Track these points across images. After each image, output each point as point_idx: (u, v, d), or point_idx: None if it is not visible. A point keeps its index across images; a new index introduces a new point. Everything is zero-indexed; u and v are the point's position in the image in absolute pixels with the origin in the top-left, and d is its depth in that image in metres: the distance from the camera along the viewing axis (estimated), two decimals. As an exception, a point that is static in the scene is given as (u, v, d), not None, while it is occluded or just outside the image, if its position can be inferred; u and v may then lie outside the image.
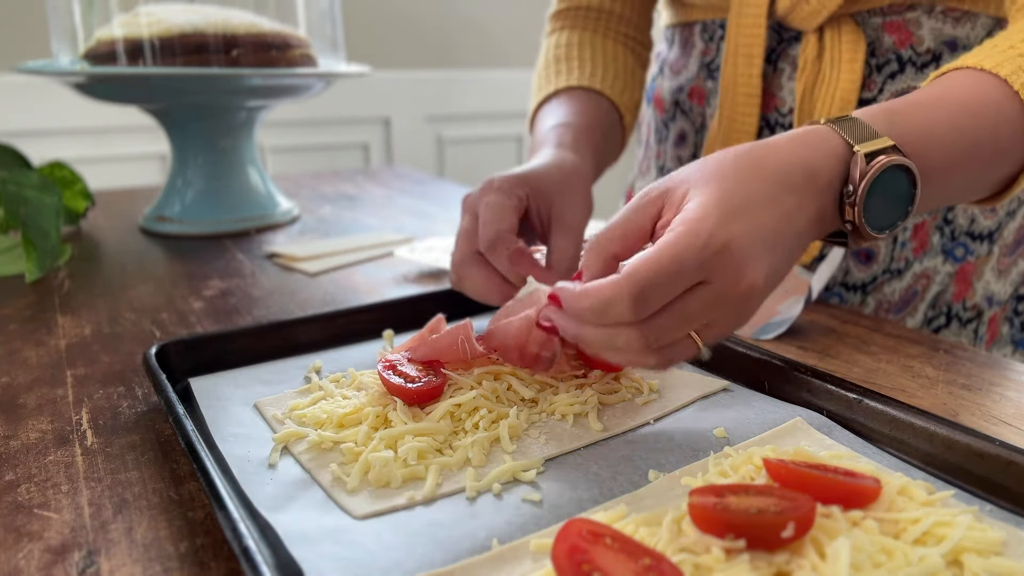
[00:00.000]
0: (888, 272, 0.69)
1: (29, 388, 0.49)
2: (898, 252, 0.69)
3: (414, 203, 1.09)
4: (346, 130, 2.05)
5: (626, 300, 0.36)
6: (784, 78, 0.69)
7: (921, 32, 0.63)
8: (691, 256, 0.37)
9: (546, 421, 0.42)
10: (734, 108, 0.70)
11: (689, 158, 0.79)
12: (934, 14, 0.63)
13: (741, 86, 0.69)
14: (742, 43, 0.68)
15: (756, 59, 0.68)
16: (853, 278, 0.70)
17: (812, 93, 0.66)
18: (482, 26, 2.18)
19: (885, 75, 0.65)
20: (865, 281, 0.70)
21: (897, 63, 0.64)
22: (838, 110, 0.64)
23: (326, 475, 0.37)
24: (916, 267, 0.69)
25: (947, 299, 0.70)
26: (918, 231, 0.68)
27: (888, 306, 0.70)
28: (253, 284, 0.71)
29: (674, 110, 0.80)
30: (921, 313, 0.70)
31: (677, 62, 0.79)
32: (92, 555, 0.33)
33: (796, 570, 0.28)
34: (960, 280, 0.70)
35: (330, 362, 0.50)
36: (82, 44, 0.87)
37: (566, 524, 0.29)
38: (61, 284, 0.71)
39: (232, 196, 0.93)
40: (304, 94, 0.91)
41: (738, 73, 0.69)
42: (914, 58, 0.64)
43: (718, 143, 0.72)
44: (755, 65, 0.68)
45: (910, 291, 0.69)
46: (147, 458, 0.41)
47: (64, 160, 0.91)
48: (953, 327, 0.71)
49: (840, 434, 0.40)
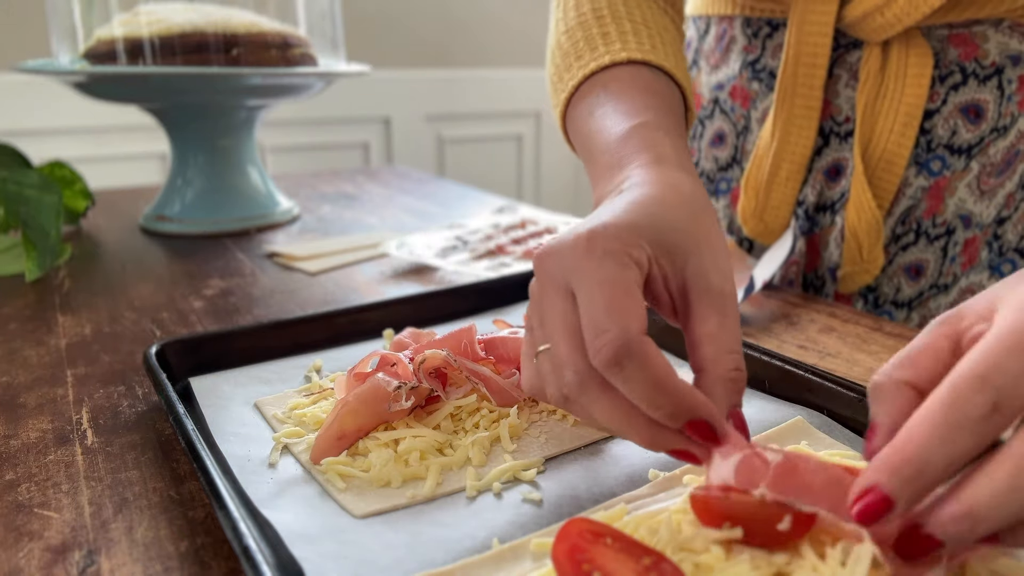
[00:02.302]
0: (935, 287, 0.67)
1: (29, 387, 0.49)
2: (947, 267, 0.67)
3: (414, 202, 1.09)
4: (346, 130, 2.05)
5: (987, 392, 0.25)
6: (841, 85, 0.66)
7: (987, 46, 0.62)
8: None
9: (546, 421, 0.42)
10: (790, 119, 0.66)
11: (727, 160, 0.75)
12: (1001, 28, 0.61)
13: (800, 96, 0.65)
14: (804, 51, 0.64)
15: (819, 69, 0.63)
16: (903, 295, 0.68)
17: (874, 106, 0.63)
18: (482, 26, 2.18)
19: (948, 86, 0.63)
20: (912, 297, 0.68)
21: (961, 75, 0.62)
22: (902, 124, 0.62)
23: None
24: (963, 282, 0.67)
25: None
26: (968, 246, 0.66)
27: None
28: (253, 283, 0.71)
29: (712, 107, 0.76)
30: None
31: (714, 56, 0.75)
32: (92, 554, 0.33)
33: (796, 570, 0.28)
34: None
35: (330, 361, 0.50)
36: (82, 43, 0.87)
37: (566, 524, 0.29)
38: (61, 283, 0.71)
39: (232, 195, 0.93)
40: (304, 93, 0.91)
41: (798, 83, 0.65)
42: (977, 70, 0.62)
43: (769, 154, 0.68)
44: (818, 76, 0.64)
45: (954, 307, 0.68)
46: (147, 457, 0.41)
47: (64, 159, 0.91)
48: None
49: (841, 433, 0.40)
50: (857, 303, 0.70)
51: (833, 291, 0.69)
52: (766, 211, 0.70)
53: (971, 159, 0.64)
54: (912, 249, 0.67)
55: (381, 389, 0.39)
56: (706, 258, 0.36)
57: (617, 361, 0.31)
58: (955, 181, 0.64)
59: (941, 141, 0.64)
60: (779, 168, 0.68)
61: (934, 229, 0.66)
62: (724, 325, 0.34)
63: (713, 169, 0.78)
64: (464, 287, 0.60)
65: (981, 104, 0.63)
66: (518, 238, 0.83)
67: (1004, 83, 0.62)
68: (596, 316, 0.32)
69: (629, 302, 0.32)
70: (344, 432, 0.38)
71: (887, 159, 0.64)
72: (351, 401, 0.38)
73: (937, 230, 0.66)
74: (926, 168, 0.64)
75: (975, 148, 0.63)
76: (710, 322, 0.34)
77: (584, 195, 2.54)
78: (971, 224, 0.66)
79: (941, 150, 0.64)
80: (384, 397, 0.39)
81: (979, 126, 0.63)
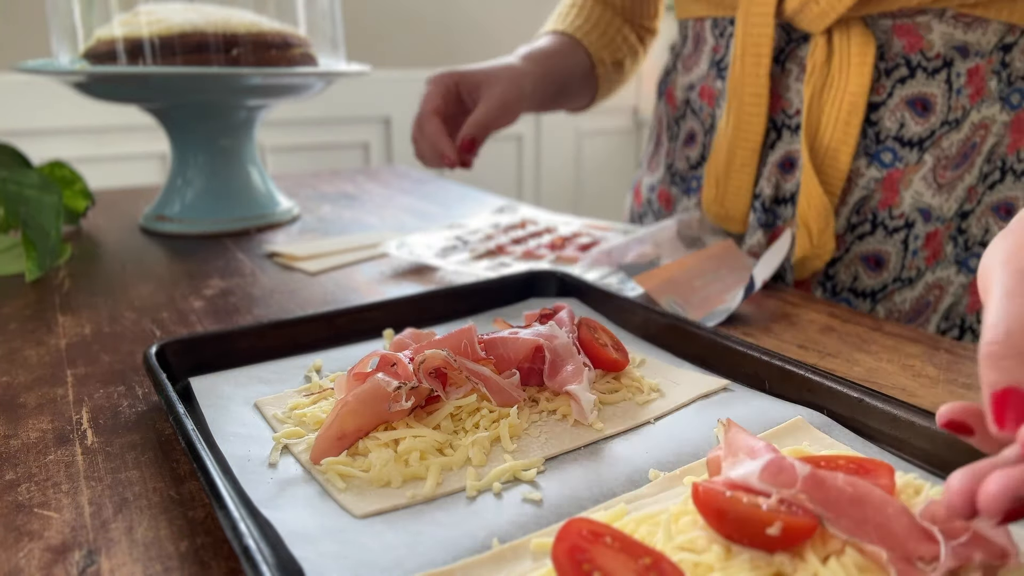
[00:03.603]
0: (899, 280, 0.68)
1: (29, 387, 0.49)
2: (909, 260, 0.68)
3: (414, 202, 1.09)
4: (346, 129, 2.05)
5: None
6: (792, 79, 0.68)
7: (931, 36, 0.63)
8: None
9: (546, 420, 0.42)
10: (741, 108, 0.69)
11: (697, 159, 0.79)
12: (945, 19, 0.62)
13: (748, 86, 0.68)
14: (750, 42, 0.67)
15: (764, 59, 0.67)
16: (862, 284, 0.69)
17: (820, 96, 0.65)
18: (482, 25, 2.18)
19: (895, 79, 0.64)
20: (875, 288, 0.69)
21: (907, 67, 0.64)
22: (847, 114, 0.64)
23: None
24: (928, 277, 0.68)
25: (960, 311, 0.69)
26: (931, 240, 0.67)
27: (899, 315, 0.69)
28: (253, 283, 0.71)
29: (685, 108, 0.80)
30: (934, 324, 0.69)
31: (690, 58, 0.79)
32: (92, 554, 0.33)
33: (796, 571, 0.28)
34: (975, 292, 0.69)
35: (330, 361, 0.50)
36: (82, 43, 0.87)
37: (566, 523, 0.29)
38: (61, 283, 0.71)
39: (232, 195, 0.93)
40: (304, 93, 0.91)
41: (746, 73, 0.68)
42: (924, 63, 0.63)
43: (725, 143, 0.71)
44: (763, 65, 0.67)
45: (922, 302, 0.69)
46: (147, 457, 0.41)
47: (64, 159, 0.91)
48: (967, 339, 0.69)
49: (841, 433, 0.40)
50: (816, 290, 0.71)
51: (792, 279, 0.71)
52: (726, 198, 0.73)
53: (924, 152, 0.65)
54: (869, 239, 0.68)
55: (381, 389, 0.39)
56: (487, 88, 0.77)
57: (418, 120, 0.77)
58: (909, 174, 0.65)
59: (889, 133, 0.65)
60: (734, 156, 0.71)
61: (892, 221, 0.67)
62: (475, 116, 0.75)
63: (685, 168, 0.81)
64: (464, 287, 0.60)
65: (928, 98, 0.64)
66: (518, 238, 0.83)
67: (952, 77, 0.63)
68: (421, 103, 0.78)
69: (429, 99, 0.78)
70: (344, 432, 0.38)
71: (834, 148, 0.65)
72: (351, 401, 0.38)
73: (895, 222, 0.67)
74: (877, 159, 0.66)
75: (927, 141, 0.64)
76: (471, 116, 0.75)
77: (584, 195, 2.54)
78: (931, 218, 0.67)
79: (891, 142, 0.65)
80: (384, 397, 0.39)
81: (928, 119, 0.64)
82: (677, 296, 0.61)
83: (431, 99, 0.77)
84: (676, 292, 0.62)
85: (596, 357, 0.46)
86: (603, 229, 0.85)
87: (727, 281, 0.65)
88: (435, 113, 0.76)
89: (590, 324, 0.48)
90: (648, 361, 0.50)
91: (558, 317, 0.49)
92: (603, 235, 0.82)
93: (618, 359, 0.46)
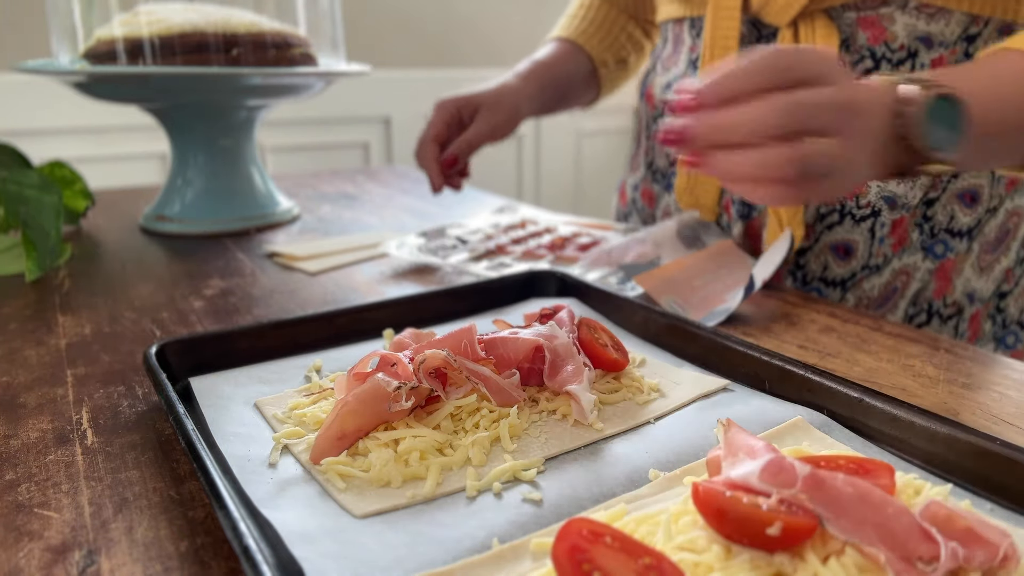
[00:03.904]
0: (867, 268, 0.70)
1: (29, 387, 0.49)
2: (876, 248, 0.70)
3: (414, 202, 1.08)
4: (346, 129, 2.05)
5: (769, 57, 0.45)
6: None
7: (895, 28, 0.64)
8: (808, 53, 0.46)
9: (546, 421, 0.42)
10: None
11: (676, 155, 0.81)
12: (908, 10, 0.63)
13: None
14: (718, 36, 0.70)
15: (732, 51, 0.69)
16: (832, 273, 0.71)
17: None
18: (482, 26, 2.18)
19: (860, 72, 0.65)
20: (844, 277, 0.71)
21: (872, 59, 0.65)
22: None
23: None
24: (895, 263, 0.70)
25: (928, 296, 0.71)
26: (896, 227, 0.69)
27: (868, 302, 0.71)
28: (253, 283, 0.71)
29: (664, 106, 0.82)
30: (901, 310, 0.71)
31: (669, 59, 0.81)
32: (92, 554, 0.33)
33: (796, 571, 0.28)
34: (940, 277, 0.71)
35: (330, 361, 0.50)
36: (82, 43, 0.87)
37: (566, 523, 0.29)
38: (61, 283, 0.71)
39: (232, 195, 0.93)
40: (304, 93, 0.91)
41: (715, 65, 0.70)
42: (888, 55, 0.65)
43: None
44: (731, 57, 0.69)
45: (890, 287, 0.71)
46: (147, 457, 0.41)
47: (64, 159, 0.91)
48: (934, 324, 0.72)
49: (841, 433, 0.40)
50: (787, 279, 0.73)
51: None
52: (696, 186, 0.76)
53: None
54: (838, 229, 0.70)
55: (381, 389, 0.39)
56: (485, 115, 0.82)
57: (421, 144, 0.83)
58: None
59: None
60: None
61: (858, 210, 0.69)
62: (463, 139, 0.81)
63: (665, 165, 0.84)
64: (464, 287, 0.60)
65: None
66: (518, 238, 0.83)
67: (918, 67, 0.65)
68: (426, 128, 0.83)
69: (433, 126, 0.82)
70: (344, 432, 0.38)
71: None
72: (351, 401, 0.38)
73: (862, 211, 0.69)
74: None
75: None
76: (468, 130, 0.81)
77: (584, 195, 2.54)
78: (896, 205, 0.69)
79: None
80: (384, 397, 0.39)
81: None
82: (677, 296, 0.61)
83: (433, 126, 0.82)
84: (676, 292, 0.62)
85: (596, 357, 0.46)
86: (603, 229, 0.85)
87: (727, 281, 0.65)
88: (435, 140, 0.81)
89: (590, 324, 0.48)
90: (648, 361, 0.50)
91: (558, 317, 0.49)
92: (603, 235, 0.82)
93: (618, 359, 0.46)
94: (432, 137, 0.81)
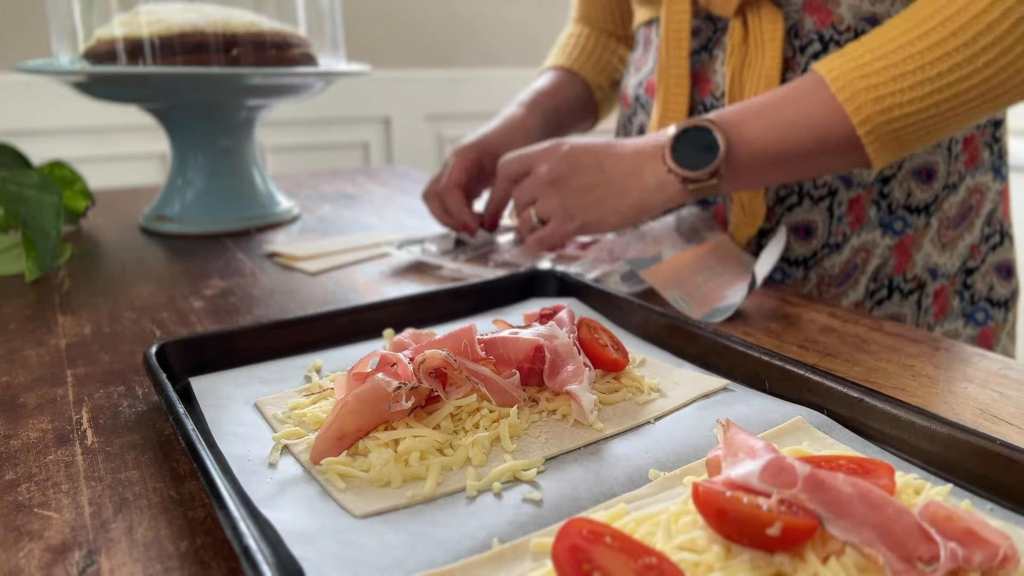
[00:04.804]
0: (827, 247, 0.72)
1: (29, 387, 0.49)
2: (835, 226, 0.72)
3: (414, 202, 1.08)
4: (346, 129, 2.05)
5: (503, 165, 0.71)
6: (718, 63, 0.72)
7: (840, 11, 0.66)
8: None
9: (546, 421, 0.42)
10: (668, 89, 0.74)
11: None
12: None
13: (673, 67, 0.73)
14: (672, 28, 0.73)
15: (684, 41, 0.72)
16: (794, 253, 0.73)
17: (741, 75, 0.70)
18: (482, 26, 2.18)
19: (808, 56, 0.68)
20: (806, 256, 0.73)
21: (820, 42, 0.67)
22: (765, 88, 0.68)
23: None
24: (854, 241, 0.72)
25: (888, 272, 0.73)
26: (854, 205, 0.71)
27: (830, 280, 0.73)
28: (253, 283, 0.71)
29: (635, 105, 0.84)
30: (863, 286, 0.73)
31: (640, 60, 0.84)
32: (92, 554, 0.33)
33: (796, 571, 0.28)
34: (900, 253, 0.73)
35: (330, 361, 0.50)
36: (82, 43, 0.87)
37: (566, 523, 0.29)
38: (61, 283, 0.71)
39: (232, 195, 0.93)
40: (304, 93, 0.91)
41: (669, 56, 0.73)
42: (836, 36, 0.67)
43: (655, 123, 0.76)
44: (683, 48, 0.73)
45: (850, 264, 0.72)
46: (147, 457, 0.41)
47: (64, 159, 0.91)
48: (895, 299, 0.73)
49: (841, 433, 0.40)
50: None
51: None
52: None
53: None
54: (797, 210, 0.73)
55: (381, 389, 0.39)
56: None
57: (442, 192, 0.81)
58: None
59: None
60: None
61: (816, 191, 0.72)
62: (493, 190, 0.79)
63: None
64: (464, 287, 0.60)
65: None
66: (518, 238, 0.83)
67: None
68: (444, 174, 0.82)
69: (454, 173, 0.81)
70: (344, 432, 0.38)
71: None
72: (351, 401, 0.38)
73: (819, 191, 0.72)
74: None
75: None
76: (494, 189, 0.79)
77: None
78: (852, 184, 0.71)
79: None
80: (384, 397, 0.39)
81: None
82: (683, 291, 0.62)
83: (455, 173, 0.81)
84: (681, 287, 0.62)
85: (596, 357, 0.46)
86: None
87: (724, 277, 0.66)
88: (457, 186, 0.81)
89: (590, 324, 0.48)
90: (648, 361, 0.50)
91: (558, 317, 0.49)
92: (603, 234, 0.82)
93: (618, 359, 0.46)
94: (454, 183, 0.81)
